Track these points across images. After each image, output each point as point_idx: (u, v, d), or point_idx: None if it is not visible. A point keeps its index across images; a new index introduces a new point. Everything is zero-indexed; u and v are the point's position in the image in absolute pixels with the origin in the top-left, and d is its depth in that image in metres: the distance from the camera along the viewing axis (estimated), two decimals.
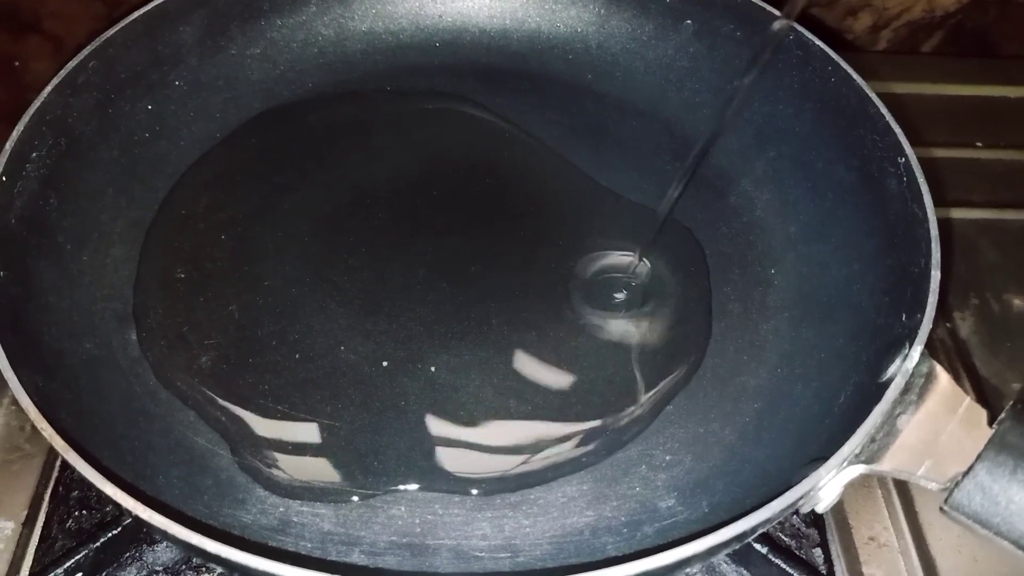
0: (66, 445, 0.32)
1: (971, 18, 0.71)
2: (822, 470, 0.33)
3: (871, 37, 0.72)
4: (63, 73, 0.45)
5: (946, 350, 0.52)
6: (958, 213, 0.59)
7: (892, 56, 0.73)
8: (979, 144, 0.63)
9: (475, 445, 0.40)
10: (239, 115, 0.52)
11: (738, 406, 0.42)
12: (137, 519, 0.31)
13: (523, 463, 0.40)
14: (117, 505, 0.31)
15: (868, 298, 0.43)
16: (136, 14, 0.49)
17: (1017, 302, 0.54)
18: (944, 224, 0.41)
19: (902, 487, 0.46)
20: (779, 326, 0.45)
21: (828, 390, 0.41)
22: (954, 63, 0.71)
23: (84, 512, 0.42)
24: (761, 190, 0.50)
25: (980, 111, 0.66)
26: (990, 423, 0.35)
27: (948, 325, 0.53)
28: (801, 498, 0.33)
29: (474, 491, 0.39)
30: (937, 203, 0.42)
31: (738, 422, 0.42)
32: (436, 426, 0.41)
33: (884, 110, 0.45)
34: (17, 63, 0.71)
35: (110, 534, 0.40)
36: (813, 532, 0.44)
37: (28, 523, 0.43)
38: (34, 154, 0.43)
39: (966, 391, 0.49)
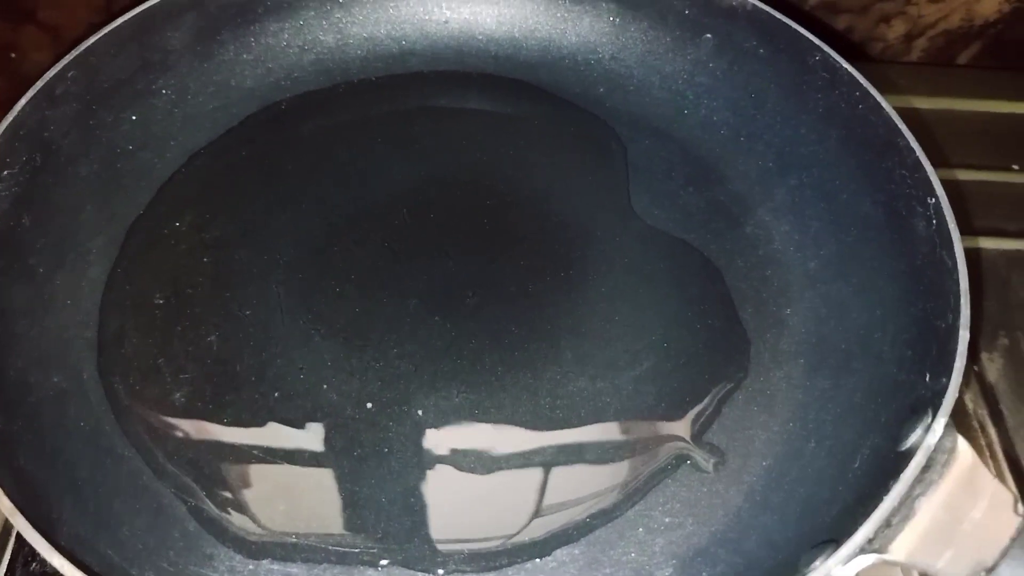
0: (13, 508, 0.30)
1: (1012, 28, 0.67)
2: (832, 561, 0.30)
3: (904, 46, 0.69)
4: (39, 84, 0.43)
5: (973, 395, 0.49)
6: (988, 243, 0.55)
7: (926, 68, 0.69)
8: (1016, 167, 0.60)
9: (461, 506, 0.38)
10: (229, 125, 0.50)
11: (746, 463, 0.40)
12: None
13: (515, 532, 0.37)
14: None
15: (889, 349, 0.40)
16: (122, 19, 0.46)
17: None
18: (972, 255, 0.39)
19: None
20: (792, 374, 0.42)
21: (843, 451, 0.38)
22: (992, 77, 0.67)
23: None
24: (780, 220, 0.47)
25: (1019, 131, 0.62)
26: (1015, 507, 0.32)
27: (975, 368, 0.50)
28: None
29: (457, 569, 0.36)
30: (965, 231, 0.39)
31: (744, 481, 0.39)
32: (421, 480, 0.38)
33: (915, 144, 0.42)
34: (14, 55, 0.69)
35: None
36: None
37: None
38: (5, 172, 0.41)
39: (992, 443, 0.46)
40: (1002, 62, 0.69)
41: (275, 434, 0.40)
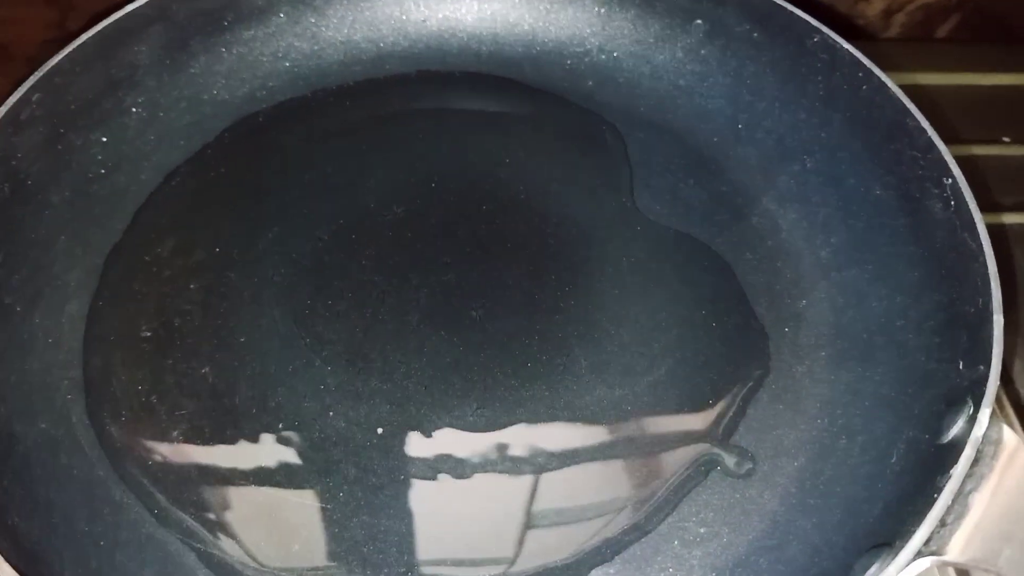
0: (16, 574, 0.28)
1: (990, 1, 0.66)
2: (891, 568, 0.29)
3: (883, 22, 0.68)
4: (3, 109, 0.40)
5: None
6: (984, 218, 0.54)
7: (905, 43, 0.68)
8: (1006, 139, 0.59)
9: (486, 532, 0.36)
10: (204, 140, 0.47)
11: (776, 465, 0.38)
12: None
13: (542, 553, 0.35)
14: None
15: (914, 337, 0.39)
16: (85, 36, 0.43)
17: None
18: (996, 232, 0.37)
19: None
20: (815, 368, 0.41)
21: (877, 446, 0.37)
22: (972, 49, 0.66)
23: None
24: (786, 209, 0.46)
25: (1006, 103, 0.61)
26: None
27: None
28: None
29: None
30: (983, 209, 0.38)
31: (778, 484, 0.37)
32: (441, 507, 0.36)
33: (926, 123, 0.41)
34: None
35: None
36: None
37: None
38: None
39: (1011, 420, 0.46)
40: (981, 34, 0.68)
41: (282, 468, 0.37)
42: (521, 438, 0.38)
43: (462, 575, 0.35)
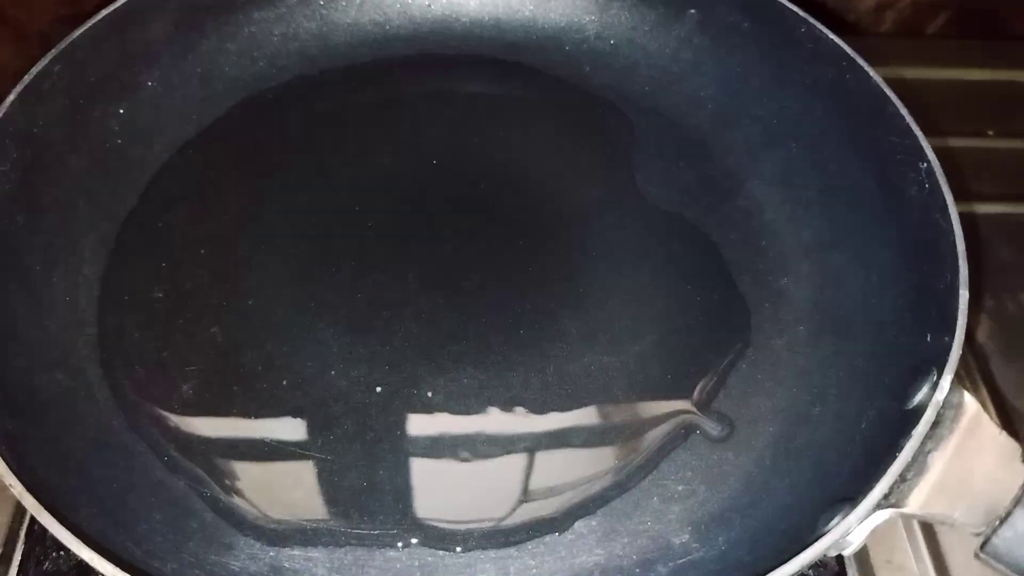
0: (38, 505, 0.30)
1: None
2: (851, 517, 0.31)
3: (875, 17, 0.70)
4: (27, 80, 0.42)
5: (963, 356, 0.49)
6: (969, 208, 0.56)
7: (897, 39, 0.70)
8: (991, 133, 0.61)
9: (476, 485, 0.38)
10: (216, 115, 0.49)
11: (753, 429, 0.40)
12: None
13: (529, 506, 0.38)
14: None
15: (889, 313, 0.41)
16: (104, 12, 0.45)
17: None
18: (967, 218, 0.39)
19: None
20: (794, 342, 0.43)
21: (849, 413, 0.39)
22: (962, 45, 0.68)
23: (62, 553, 0.40)
24: (771, 192, 0.48)
25: (991, 97, 0.63)
26: (1022, 458, 0.33)
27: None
28: (829, 548, 0.31)
29: (477, 546, 0.36)
30: (956, 197, 0.39)
31: (754, 447, 0.40)
32: (434, 461, 0.38)
33: (904, 111, 0.43)
34: None
35: None
36: (832, 561, 0.42)
37: (2, 563, 0.40)
38: None
39: (985, 402, 0.48)
40: (970, 29, 0.70)
41: (286, 422, 0.39)
42: (512, 400, 0.40)
43: (455, 526, 0.37)
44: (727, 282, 0.45)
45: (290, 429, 0.39)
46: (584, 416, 0.40)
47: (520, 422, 0.40)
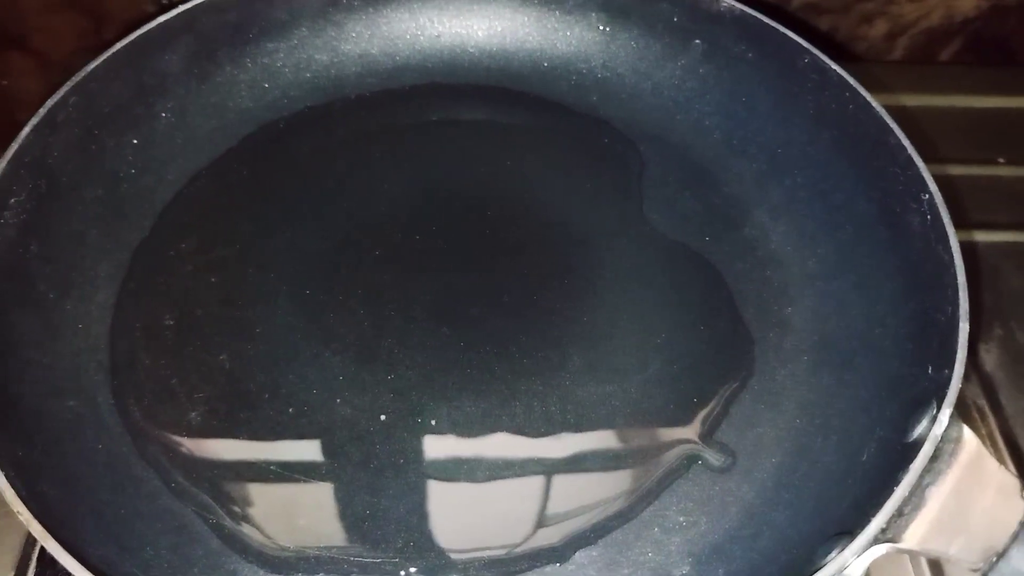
0: (45, 532, 0.30)
1: (991, 25, 0.68)
2: (847, 552, 0.31)
3: (886, 45, 0.70)
4: (42, 112, 0.43)
5: (971, 386, 0.49)
6: (980, 236, 0.56)
7: (908, 66, 0.70)
8: (1002, 160, 0.61)
9: (478, 513, 0.38)
10: (227, 145, 0.50)
11: (755, 461, 0.40)
12: None
13: (531, 536, 0.38)
14: None
15: (891, 344, 0.41)
16: (119, 44, 0.46)
17: None
18: (968, 248, 0.39)
19: None
20: (797, 372, 0.43)
21: (850, 445, 0.39)
22: (974, 72, 0.68)
23: None
24: (777, 221, 0.48)
25: (1003, 124, 0.63)
26: (1021, 493, 0.33)
27: (973, 358, 0.51)
28: None
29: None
30: (959, 224, 0.40)
31: (755, 479, 0.40)
32: (437, 490, 0.39)
33: (906, 142, 0.43)
34: (5, 81, 0.69)
35: None
36: None
37: None
38: (12, 199, 0.41)
39: (993, 432, 0.47)
40: (982, 57, 0.70)
41: (291, 449, 0.40)
42: (515, 429, 0.41)
43: (456, 555, 0.38)
44: (731, 311, 0.45)
45: (295, 456, 0.40)
46: (587, 445, 0.41)
47: (523, 451, 0.40)
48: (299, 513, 0.38)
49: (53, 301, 0.42)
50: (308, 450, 0.40)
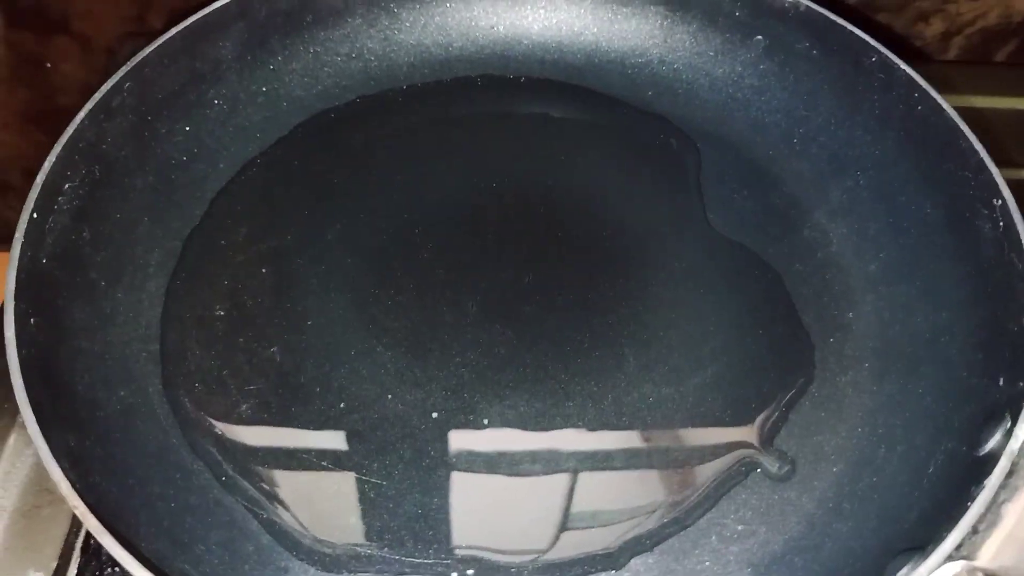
0: (101, 527, 0.30)
1: None
2: (922, 569, 0.30)
3: (942, 44, 0.68)
4: (97, 97, 0.43)
5: None
6: None
7: (964, 66, 0.68)
8: None
9: (531, 515, 0.38)
10: (279, 134, 0.49)
11: (816, 469, 0.39)
12: None
13: (585, 540, 0.37)
14: None
15: (958, 353, 0.40)
16: (174, 30, 0.46)
17: None
18: None
19: None
20: (859, 379, 0.42)
21: (915, 456, 0.38)
22: None
23: (117, 568, 0.40)
24: (837, 223, 0.47)
25: None
26: None
27: None
28: None
29: None
30: None
31: (816, 488, 0.39)
32: (489, 490, 0.38)
33: (978, 145, 0.42)
34: (49, 64, 0.69)
35: None
36: None
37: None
38: (67, 185, 0.41)
39: None
40: None
41: (341, 445, 0.39)
42: (568, 430, 0.40)
43: (509, 558, 0.37)
44: (791, 315, 0.44)
45: (346, 452, 0.39)
46: (641, 448, 0.40)
47: (577, 452, 0.39)
48: (350, 511, 0.38)
49: (104, 289, 0.42)
50: (358, 446, 0.39)
